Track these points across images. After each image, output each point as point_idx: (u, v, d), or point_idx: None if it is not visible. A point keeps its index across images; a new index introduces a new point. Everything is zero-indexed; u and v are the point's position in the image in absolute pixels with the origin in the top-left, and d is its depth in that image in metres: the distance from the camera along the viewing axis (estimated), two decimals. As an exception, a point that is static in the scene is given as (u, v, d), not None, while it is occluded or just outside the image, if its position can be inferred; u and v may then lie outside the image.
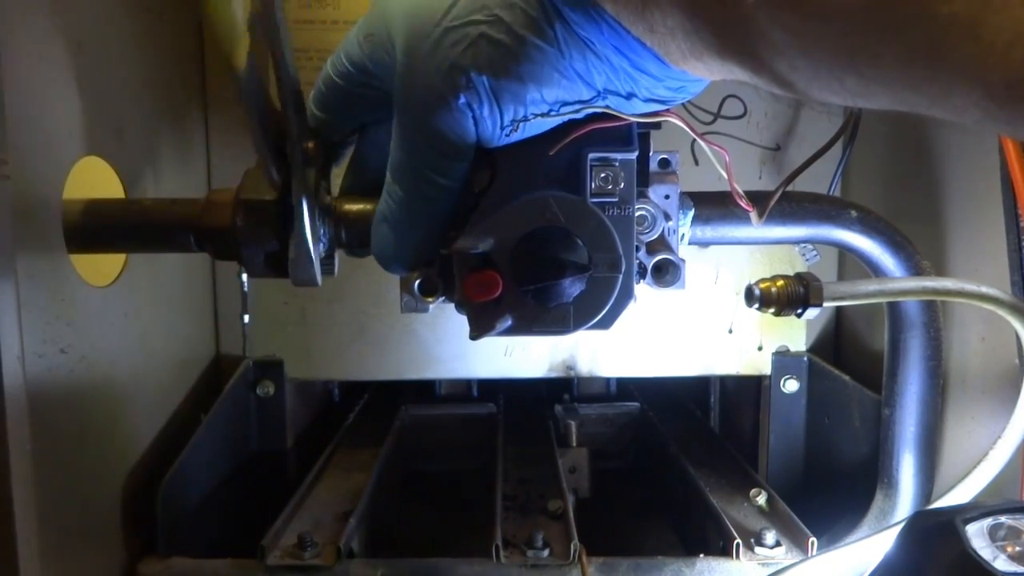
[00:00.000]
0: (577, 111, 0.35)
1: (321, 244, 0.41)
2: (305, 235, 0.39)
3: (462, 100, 0.34)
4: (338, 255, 0.44)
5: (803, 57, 0.27)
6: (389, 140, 0.38)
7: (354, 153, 0.45)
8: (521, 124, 0.35)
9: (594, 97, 0.35)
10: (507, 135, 0.36)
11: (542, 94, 0.34)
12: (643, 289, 0.42)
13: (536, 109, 0.35)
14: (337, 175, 0.45)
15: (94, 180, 0.48)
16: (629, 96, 0.35)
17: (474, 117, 0.35)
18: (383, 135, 0.43)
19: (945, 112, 0.25)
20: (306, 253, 0.39)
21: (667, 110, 0.37)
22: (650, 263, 0.42)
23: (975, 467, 0.48)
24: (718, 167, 0.42)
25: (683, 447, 0.73)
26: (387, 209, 0.39)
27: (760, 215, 0.46)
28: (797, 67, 0.27)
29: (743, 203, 0.45)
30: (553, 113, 0.35)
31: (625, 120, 0.36)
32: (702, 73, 0.33)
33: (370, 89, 0.40)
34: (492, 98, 0.34)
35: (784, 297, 0.46)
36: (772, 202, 0.47)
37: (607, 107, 0.35)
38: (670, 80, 0.35)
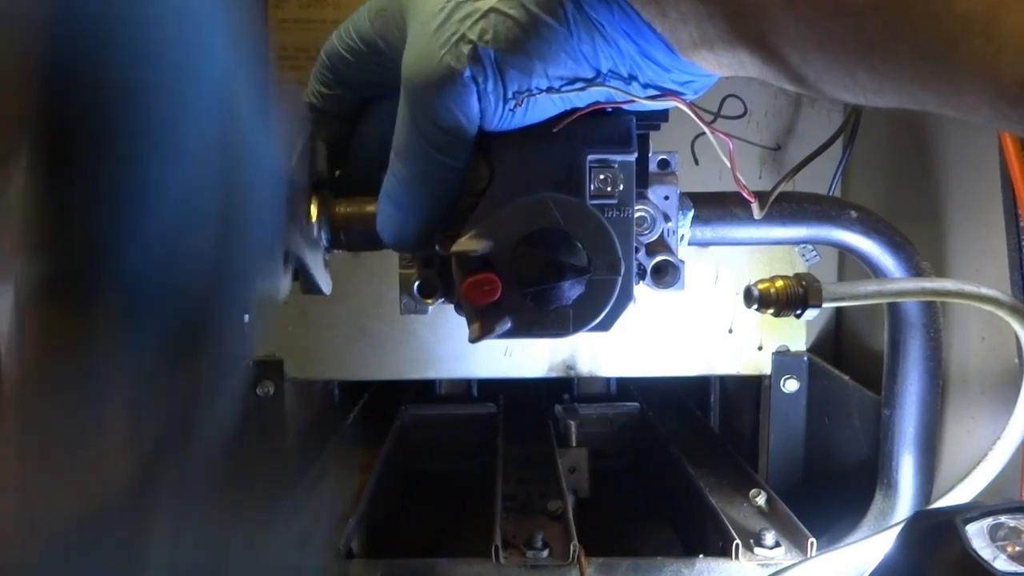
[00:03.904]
0: (581, 89, 0.35)
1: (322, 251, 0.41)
2: (313, 278, 0.41)
3: (467, 73, 0.34)
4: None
5: (816, 50, 0.27)
6: (392, 117, 0.38)
7: (357, 130, 0.45)
8: (524, 101, 0.35)
9: (595, 76, 0.35)
10: (510, 110, 0.36)
11: (546, 71, 0.34)
12: (643, 290, 0.42)
13: (539, 84, 0.35)
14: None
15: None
16: (630, 79, 0.35)
17: (478, 92, 0.34)
18: (385, 112, 0.42)
19: (956, 111, 0.25)
20: (313, 282, 0.41)
21: (674, 95, 0.37)
22: (649, 264, 0.42)
23: (975, 467, 0.48)
24: (721, 155, 0.41)
25: (683, 447, 0.73)
26: (390, 187, 0.38)
27: (761, 207, 0.46)
28: (809, 60, 0.27)
29: (745, 193, 0.44)
30: (554, 90, 0.35)
31: (632, 99, 0.36)
32: (711, 65, 0.33)
33: (378, 66, 0.40)
34: (497, 72, 0.34)
35: (783, 298, 0.46)
36: (773, 195, 0.47)
37: (610, 86, 0.35)
38: (677, 72, 0.34)
